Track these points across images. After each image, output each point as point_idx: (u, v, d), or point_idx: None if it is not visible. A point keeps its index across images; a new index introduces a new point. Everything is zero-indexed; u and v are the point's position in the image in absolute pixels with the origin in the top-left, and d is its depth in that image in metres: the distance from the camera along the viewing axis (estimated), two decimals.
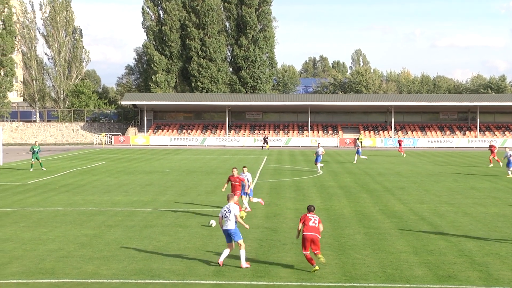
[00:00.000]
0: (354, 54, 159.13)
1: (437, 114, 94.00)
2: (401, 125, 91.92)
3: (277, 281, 15.40)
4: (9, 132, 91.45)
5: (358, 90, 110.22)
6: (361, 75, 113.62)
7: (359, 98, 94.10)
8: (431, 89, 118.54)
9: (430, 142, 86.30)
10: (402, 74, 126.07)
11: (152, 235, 21.05)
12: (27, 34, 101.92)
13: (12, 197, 30.74)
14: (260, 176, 41.35)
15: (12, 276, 15.73)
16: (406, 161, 56.48)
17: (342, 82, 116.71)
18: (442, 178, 40.14)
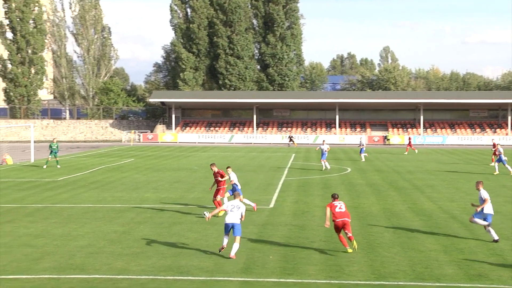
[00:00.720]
0: (382, 51, 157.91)
1: (467, 111, 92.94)
2: (430, 122, 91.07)
3: (306, 278, 15.37)
4: (40, 130, 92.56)
5: (386, 88, 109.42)
6: (389, 72, 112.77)
7: (388, 96, 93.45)
8: (461, 86, 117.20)
9: (460, 140, 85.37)
10: (431, 71, 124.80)
11: (181, 232, 21.15)
12: (57, 33, 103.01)
13: (43, 194, 31.13)
14: (288, 174, 41.31)
15: (43, 272, 15.92)
16: (435, 159, 55.96)
17: (370, 79, 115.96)
18: (473, 176, 39.69)
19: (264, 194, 30.85)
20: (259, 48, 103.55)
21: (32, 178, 38.35)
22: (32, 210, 25.83)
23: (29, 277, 15.48)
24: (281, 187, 34.01)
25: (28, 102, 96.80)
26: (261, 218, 23.97)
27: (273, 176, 39.53)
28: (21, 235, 20.57)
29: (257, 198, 29.26)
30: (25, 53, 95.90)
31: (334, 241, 19.44)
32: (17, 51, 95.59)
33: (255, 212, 25.17)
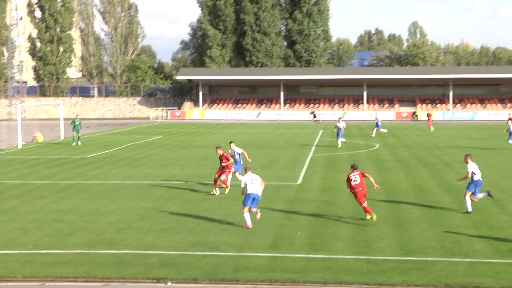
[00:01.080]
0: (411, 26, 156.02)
1: (497, 86, 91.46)
2: (459, 98, 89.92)
3: (334, 254, 15.37)
4: (68, 107, 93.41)
5: (415, 63, 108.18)
6: (417, 48, 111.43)
7: (416, 71, 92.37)
8: (491, 61, 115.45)
9: (490, 115, 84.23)
10: (461, 46, 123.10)
11: (209, 208, 21.27)
12: (85, 11, 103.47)
13: (73, 170, 31.49)
14: (315, 150, 41.22)
15: (75, 247, 16.16)
16: (465, 134, 55.36)
17: (398, 55, 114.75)
18: (503, 152, 39.19)
19: (292, 171, 30.84)
20: (285, 24, 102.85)
21: (62, 155, 38.80)
22: (62, 187, 26.17)
23: (60, 252, 15.72)
24: (309, 163, 33.96)
25: (57, 80, 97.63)
26: (288, 194, 24.00)
27: (301, 153, 39.48)
28: (53, 211, 20.87)
29: (285, 175, 29.29)
30: (54, 31, 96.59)
31: (362, 217, 19.40)
32: (45, 30, 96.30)
33: (283, 189, 25.20)
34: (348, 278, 13.51)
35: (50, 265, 14.52)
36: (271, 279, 13.47)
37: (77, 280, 13.59)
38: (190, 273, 13.91)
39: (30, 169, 32.36)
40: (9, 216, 20.04)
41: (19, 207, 21.60)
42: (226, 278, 13.57)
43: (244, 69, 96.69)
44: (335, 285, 13.17)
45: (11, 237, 17.28)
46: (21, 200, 22.95)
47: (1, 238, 17.12)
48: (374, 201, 22.23)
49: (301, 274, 13.74)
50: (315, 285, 13.17)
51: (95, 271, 14.07)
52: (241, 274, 13.78)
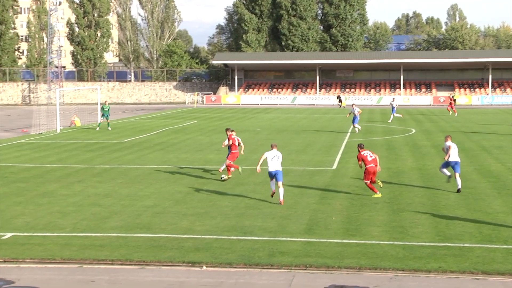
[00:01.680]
0: (449, 9, 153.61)
1: None
2: (499, 82, 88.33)
3: (369, 239, 15.31)
4: (106, 92, 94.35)
5: (453, 47, 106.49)
6: (456, 31, 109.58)
7: (454, 55, 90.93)
8: None
9: None
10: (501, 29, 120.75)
11: (244, 192, 21.33)
12: None
13: (109, 155, 31.87)
14: (351, 135, 40.98)
15: (112, 230, 16.38)
16: (504, 119, 54.42)
17: (436, 38, 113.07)
18: None
19: (327, 156, 30.74)
20: (322, 8, 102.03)
21: (100, 140, 39.28)
22: (100, 171, 26.51)
23: (98, 235, 15.95)
24: (344, 148, 33.81)
25: (95, 65, 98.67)
26: (324, 179, 23.94)
27: (336, 138, 39.30)
28: (90, 195, 21.17)
29: (320, 160, 29.21)
30: (91, 16, 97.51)
31: (398, 203, 19.28)
32: (83, 15, 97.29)
33: (318, 174, 25.15)
34: (383, 263, 13.45)
35: (87, 248, 14.75)
36: (305, 264, 13.48)
37: (114, 263, 13.78)
38: (225, 257, 13.99)
39: (69, 153, 32.85)
40: (48, 199, 20.40)
41: (58, 191, 21.96)
42: (260, 263, 13.62)
43: (280, 53, 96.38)
44: (370, 271, 13.12)
45: (50, 220, 17.60)
46: (60, 184, 23.33)
47: (40, 221, 17.45)
48: (411, 187, 22.06)
49: (336, 259, 13.72)
50: (349, 271, 13.14)
51: (131, 254, 14.25)
52: (276, 259, 13.81)
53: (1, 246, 14.95)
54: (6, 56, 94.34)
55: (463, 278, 12.67)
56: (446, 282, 12.49)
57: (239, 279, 12.75)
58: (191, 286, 12.34)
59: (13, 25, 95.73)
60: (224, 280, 12.68)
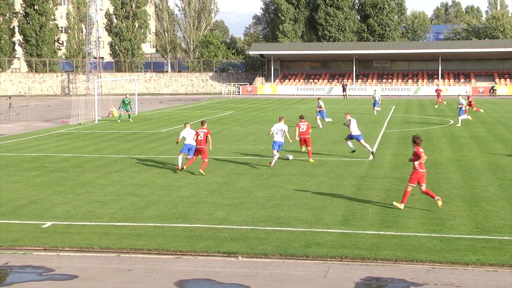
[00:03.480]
0: None
1: None
2: None
3: (405, 231, 15.18)
4: (143, 82, 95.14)
5: (494, 36, 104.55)
6: (497, 20, 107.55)
7: (495, 44, 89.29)
8: None
9: None
10: None
11: (280, 183, 21.33)
12: None
13: (147, 145, 32.16)
14: (387, 126, 40.64)
15: (148, 220, 16.54)
16: None
17: (476, 28, 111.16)
18: None
19: (363, 147, 30.48)
20: None
21: (137, 130, 39.65)
22: (137, 161, 26.78)
23: (135, 224, 16.13)
24: (381, 139, 33.54)
25: (132, 55, 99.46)
26: (360, 170, 23.80)
27: (373, 128, 39.01)
28: (127, 185, 21.40)
29: (356, 151, 29.00)
30: (129, 7, 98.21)
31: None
32: (121, 6, 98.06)
33: (354, 165, 25.01)
34: (420, 255, 13.33)
35: (125, 237, 14.93)
36: (341, 256, 13.44)
37: (151, 253, 13.93)
38: (261, 248, 14.02)
39: (107, 143, 33.25)
40: (87, 189, 20.70)
41: (96, 180, 22.26)
42: (296, 254, 13.62)
43: (316, 43, 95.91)
44: (407, 263, 13.02)
45: (89, 209, 17.85)
46: (98, 173, 23.64)
47: (79, 210, 17.71)
48: (448, 178, 21.80)
49: (372, 251, 13.65)
50: (386, 262, 13.06)
51: (168, 244, 14.38)
52: (311, 250, 13.80)
53: (42, 235, 15.23)
54: (46, 47, 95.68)
55: (502, 271, 12.50)
56: (484, 275, 12.33)
57: (275, 269, 12.77)
58: (226, 276, 12.40)
59: (53, 16, 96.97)
60: (259, 270, 12.71)
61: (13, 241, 14.71)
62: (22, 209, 17.95)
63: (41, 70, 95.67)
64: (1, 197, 19.52)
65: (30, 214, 17.28)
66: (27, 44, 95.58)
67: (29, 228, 15.87)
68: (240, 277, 12.32)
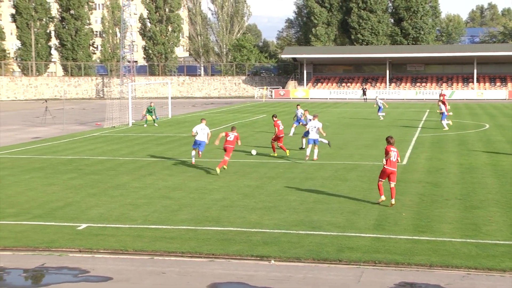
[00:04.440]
0: None
1: None
2: None
3: (440, 236, 15.01)
4: (176, 86, 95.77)
5: None
6: None
7: None
8: None
9: None
10: None
11: (312, 187, 21.27)
12: None
13: (179, 148, 32.36)
14: (421, 130, 40.27)
15: (181, 223, 16.63)
16: None
17: None
18: None
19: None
20: (393, 1, 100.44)
21: (170, 133, 39.91)
22: (170, 164, 26.95)
23: (168, 227, 16.23)
24: (414, 143, 33.25)
25: (166, 59, 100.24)
26: None
27: (406, 132, 38.69)
28: (161, 188, 21.55)
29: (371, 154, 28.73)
30: (163, 11, 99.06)
31: (470, 200, 18.85)
32: (155, 10, 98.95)
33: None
34: (455, 261, 13.16)
35: (158, 240, 15.03)
36: (374, 260, 13.34)
37: (184, 256, 13.99)
38: (293, 251, 14.00)
39: (140, 146, 33.54)
40: (121, 192, 20.89)
41: (130, 183, 22.46)
42: (329, 258, 13.56)
43: (349, 47, 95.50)
44: (441, 268, 12.88)
45: (123, 211, 18.02)
46: (131, 176, 23.85)
47: (113, 212, 17.89)
48: (484, 183, 21.51)
49: (406, 256, 13.53)
50: (420, 268, 12.93)
51: (200, 247, 14.44)
52: (344, 254, 13.73)
53: (77, 236, 15.42)
54: (81, 51, 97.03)
55: None
56: None
57: (307, 273, 12.74)
58: (259, 279, 12.40)
59: (88, 20, 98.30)
60: (292, 274, 12.69)
61: (49, 242, 14.92)
62: (58, 211, 18.20)
63: (76, 73, 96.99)
64: (37, 199, 19.82)
65: (65, 216, 17.52)
66: (63, 48, 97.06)
67: (64, 230, 16.08)
68: (273, 281, 12.31)
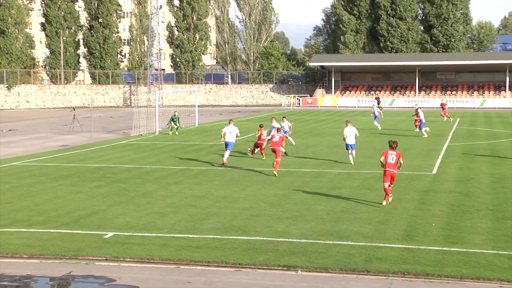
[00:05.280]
0: None
1: None
2: None
3: (471, 248, 14.81)
4: (203, 94, 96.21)
5: None
6: None
7: None
8: None
9: None
10: None
11: (340, 196, 21.17)
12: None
13: (206, 156, 32.45)
14: (452, 139, 39.88)
15: (208, 232, 16.64)
16: None
17: None
18: None
19: (426, 160, 30.04)
20: (422, 8, 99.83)
21: (196, 142, 40.06)
22: (196, 172, 27.03)
23: (195, 236, 16.25)
24: (444, 152, 32.94)
25: (193, 67, 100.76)
26: (423, 184, 23.41)
27: (436, 141, 38.35)
28: (187, 196, 21.62)
29: (419, 164, 28.58)
30: (190, 19, 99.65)
31: (502, 210, 18.59)
32: (183, 18, 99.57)
33: (417, 179, 24.63)
34: (487, 273, 12.97)
35: (184, 249, 15.06)
36: (404, 271, 13.21)
37: (210, 265, 14.00)
38: (321, 261, 13.92)
39: (167, 154, 33.71)
40: (147, 200, 21.00)
41: (157, 191, 22.56)
42: (357, 268, 13.46)
43: (378, 55, 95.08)
44: (472, 280, 12.69)
45: (149, 220, 18.10)
46: (158, 185, 23.97)
47: (140, 221, 17.97)
48: None
49: (436, 267, 13.37)
50: (450, 279, 12.77)
51: (227, 256, 14.43)
52: (373, 265, 13.62)
53: (104, 245, 15.52)
54: (109, 59, 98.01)
55: None
56: None
57: (335, 284, 12.65)
58: None
59: (116, 29, 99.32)
60: (319, 285, 12.62)
61: (76, 250, 15.04)
62: (85, 219, 18.35)
63: (104, 82, 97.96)
64: (64, 207, 20.01)
65: (92, 224, 17.65)
66: (91, 56, 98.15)
67: (91, 238, 16.19)
68: None
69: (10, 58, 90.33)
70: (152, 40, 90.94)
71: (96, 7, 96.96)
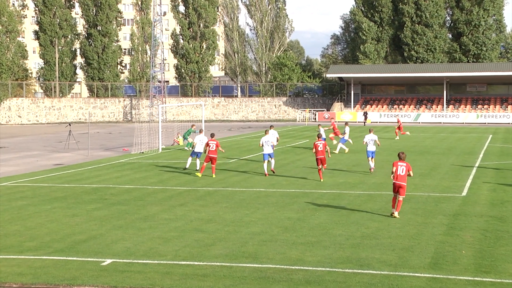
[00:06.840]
0: None
1: None
2: None
3: (506, 278, 14.72)
4: (210, 108, 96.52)
5: None
6: None
7: None
8: None
9: None
10: None
11: (360, 220, 21.12)
12: (229, 4, 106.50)
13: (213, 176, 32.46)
14: (483, 158, 39.75)
15: (215, 259, 16.63)
16: None
17: None
18: None
19: (455, 181, 29.94)
20: (451, 14, 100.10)
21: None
22: (203, 194, 27.06)
23: (201, 263, 16.24)
24: (476, 172, 32.83)
25: (199, 79, 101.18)
26: (452, 207, 23.33)
27: (466, 160, 38.24)
28: (193, 220, 21.63)
29: (447, 185, 28.49)
30: (197, 27, 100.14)
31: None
32: (188, 26, 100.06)
33: (445, 201, 24.55)
34: None
35: (189, 278, 15.04)
36: None
37: None
38: None
39: (171, 174, 33.78)
40: (149, 224, 21.02)
41: (159, 214, 22.59)
42: None
43: (402, 65, 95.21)
44: None
45: (151, 246, 18.11)
46: (161, 207, 24.00)
47: (141, 247, 17.98)
48: None
49: None
50: None
51: (236, 286, 14.40)
52: None
53: (101, 273, 15.52)
54: (108, 71, 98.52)
55: None
56: None
57: None
58: None
59: (116, 37, 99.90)
60: None
61: (70, 279, 15.05)
62: (81, 244, 18.38)
63: (102, 95, 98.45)
64: (59, 232, 20.06)
65: (89, 251, 17.67)
66: (89, 67, 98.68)
67: (87, 265, 16.21)
68: None
69: (1, 70, 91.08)
70: (155, 49, 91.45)
71: (95, 14, 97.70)
